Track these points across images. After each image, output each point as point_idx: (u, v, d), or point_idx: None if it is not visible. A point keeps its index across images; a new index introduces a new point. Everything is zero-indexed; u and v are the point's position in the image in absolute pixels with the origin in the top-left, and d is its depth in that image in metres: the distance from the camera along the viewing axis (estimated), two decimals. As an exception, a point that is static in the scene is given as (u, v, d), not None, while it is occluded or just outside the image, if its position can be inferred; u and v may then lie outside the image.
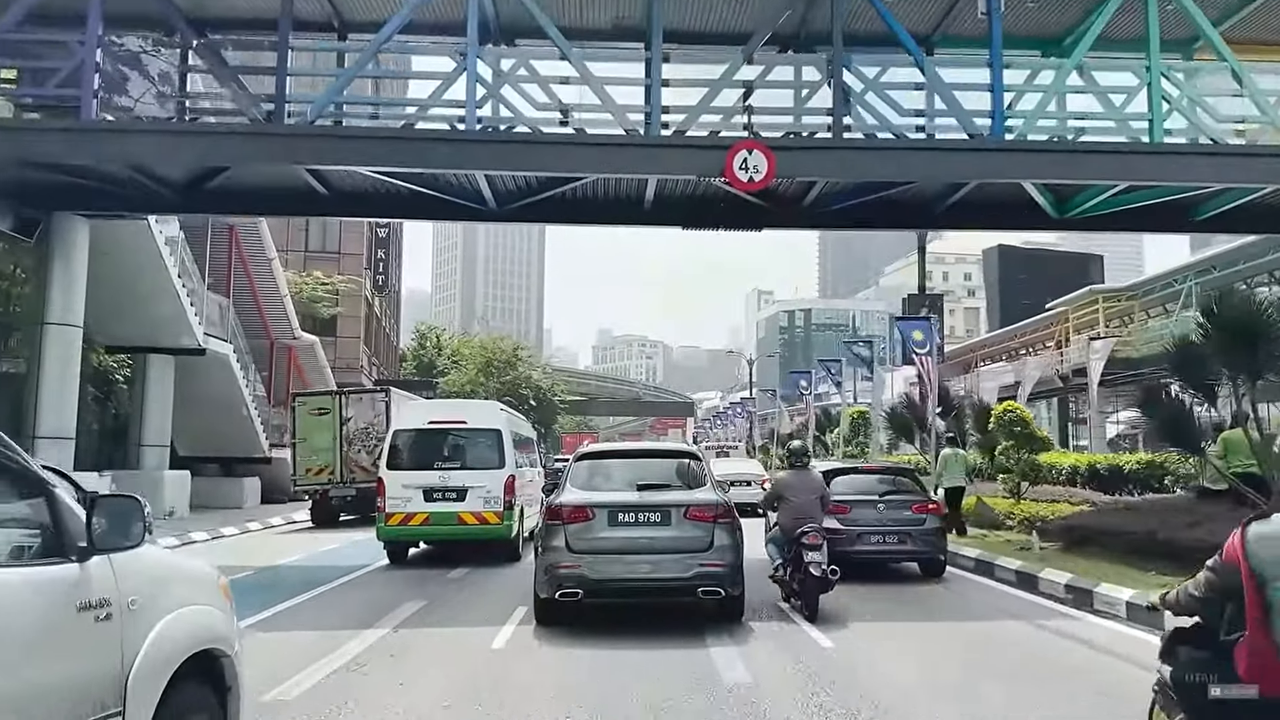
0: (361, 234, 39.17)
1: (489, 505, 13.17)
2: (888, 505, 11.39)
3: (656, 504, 8.33)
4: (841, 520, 10.95)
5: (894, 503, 11.51)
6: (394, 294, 55.15)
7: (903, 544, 11.25)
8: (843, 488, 11.60)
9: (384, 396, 19.47)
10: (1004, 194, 15.01)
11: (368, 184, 14.68)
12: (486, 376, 43.46)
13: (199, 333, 19.33)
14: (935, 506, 12.11)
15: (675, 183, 14.69)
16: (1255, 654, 3.05)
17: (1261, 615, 3.02)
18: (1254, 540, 3.11)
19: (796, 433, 42.46)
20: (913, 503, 11.60)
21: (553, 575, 8.12)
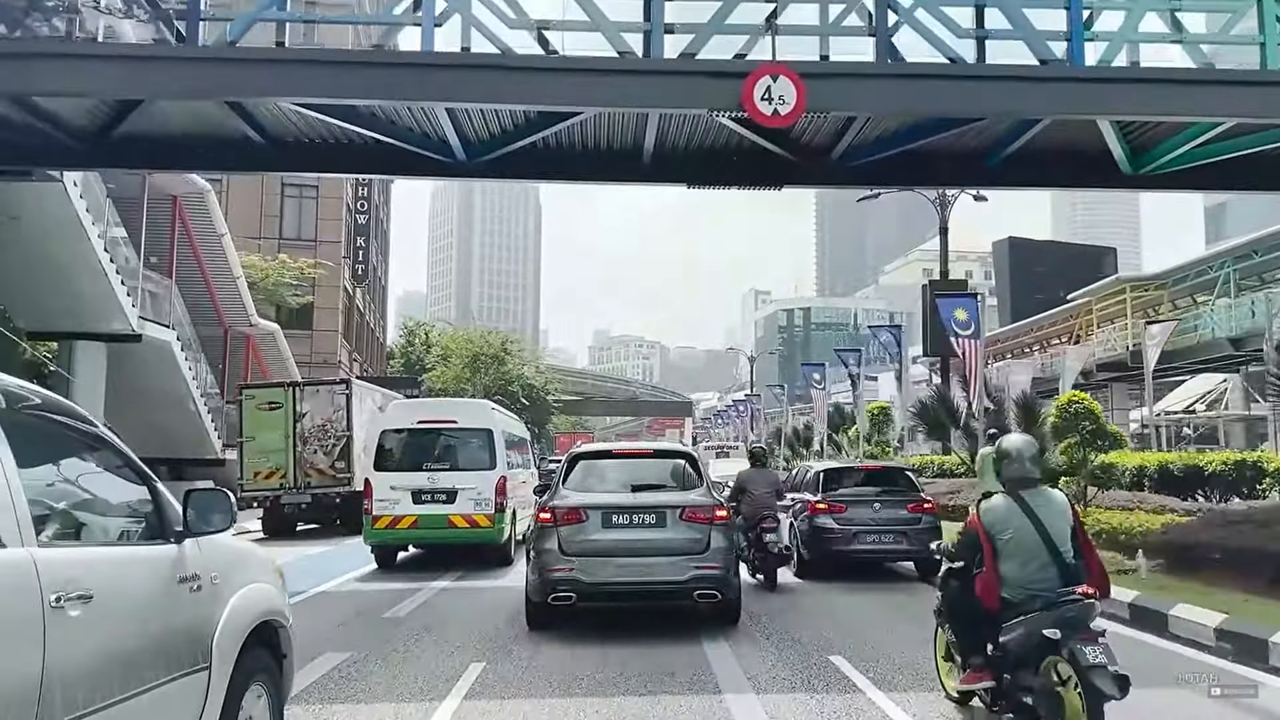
0: (340, 220, 36.67)
1: (479, 507, 12.74)
2: (883, 504, 11.42)
3: (651, 505, 8.18)
4: (837, 519, 11.32)
5: (889, 502, 11.56)
6: (379, 287, 52.62)
7: (898, 543, 11.26)
8: (839, 486, 11.99)
9: (344, 389, 17.02)
10: (1072, 142, 12.59)
11: (309, 129, 12.20)
12: (474, 372, 40.89)
13: (132, 316, 16.84)
14: (930, 505, 12.03)
15: (679, 132, 12.24)
16: (985, 581, 5.08)
17: (991, 557, 5.05)
18: (984, 512, 5.23)
19: (803, 431, 39.98)
20: (908, 502, 11.64)
21: (545, 578, 7.90)
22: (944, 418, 18.67)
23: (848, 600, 10.26)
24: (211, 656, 3.54)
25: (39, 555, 2.68)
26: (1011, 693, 4.94)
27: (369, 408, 18.00)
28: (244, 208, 35.47)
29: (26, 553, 2.62)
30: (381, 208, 53.06)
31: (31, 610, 2.56)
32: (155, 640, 3.21)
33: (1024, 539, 4.92)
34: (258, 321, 21.35)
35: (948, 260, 28.05)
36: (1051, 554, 4.87)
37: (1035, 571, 4.88)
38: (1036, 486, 5.11)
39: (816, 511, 11.76)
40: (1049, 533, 4.89)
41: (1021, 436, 5.87)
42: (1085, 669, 4.34)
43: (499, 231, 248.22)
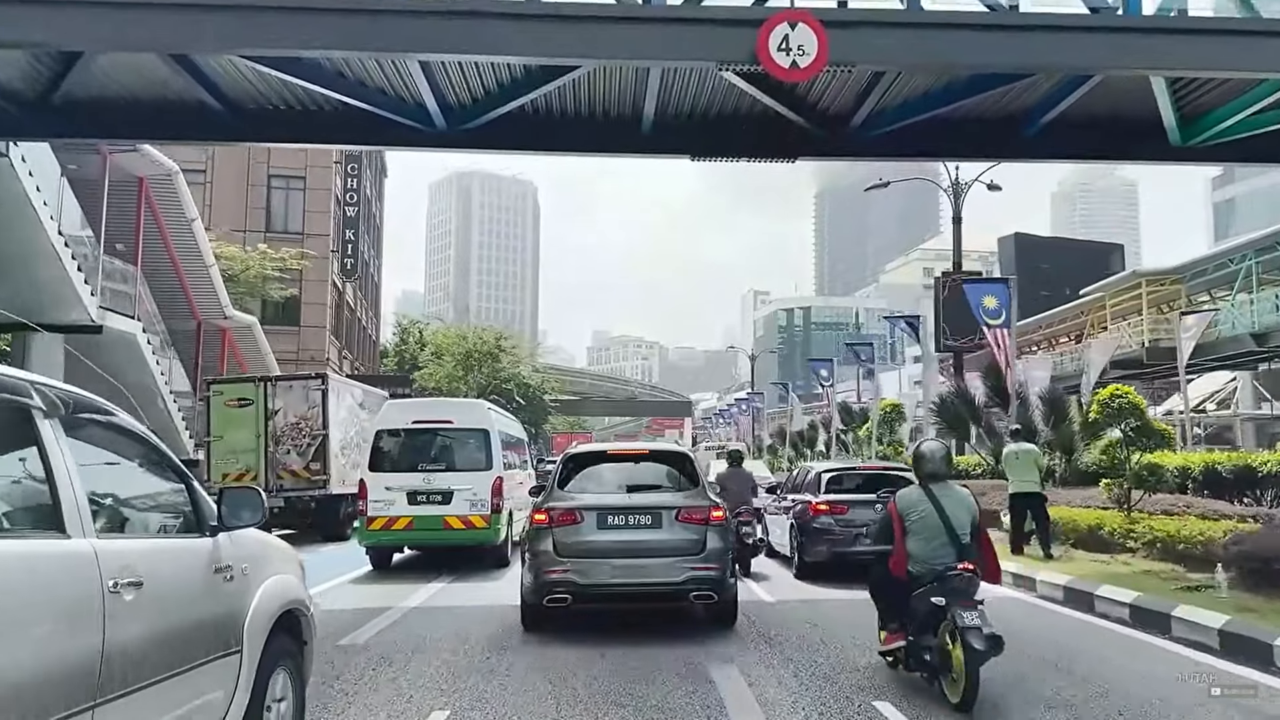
0: (328, 213, 35.40)
1: (475, 509, 12.52)
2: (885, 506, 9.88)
3: (647, 506, 8.10)
4: (838, 520, 11.14)
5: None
6: (372, 284, 51.33)
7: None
8: (840, 487, 11.76)
9: (319, 385, 15.74)
10: (1118, 108, 11.40)
11: (270, 91, 10.99)
12: (466, 370, 39.53)
13: (91, 305, 15.59)
14: None
15: (683, 96, 11.05)
16: (896, 557, 6.09)
17: (901, 536, 6.04)
18: (898, 499, 6.20)
19: (808, 431, 38.77)
20: None
21: (540, 580, 7.80)
22: (965, 414, 17.41)
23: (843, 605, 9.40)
24: (243, 641, 3.79)
25: (98, 545, 2.94)
26: (916, 651, 5.87)
27: (348, 405, 16.75)
28: (228, 199, 34.26)
29: (89, 543, 2.90)
30: (374, 202, 51.80)
31: (94, 593, 2.83)
32: (195, 625, 3.48)
33: (928, 522, 5.92)
34: (233, 314, 20.04)
35: (961, 251, 26.80)
36: (949, 536, 5.85)
37: (936, 549, 5.85)
38: (945, 482, 6.14)
39: (817, 512, 11.42)
40: (949, 519, 5.87)
41: (935, 442, 6.97)
42: (962, 629, 5.33)
43: (497, 231, 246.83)
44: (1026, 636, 7.32)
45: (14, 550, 2.63)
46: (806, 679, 6.31)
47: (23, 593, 2.55)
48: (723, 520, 8.14)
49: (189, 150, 35.63)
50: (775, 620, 8.59)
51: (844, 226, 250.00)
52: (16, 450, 2.88)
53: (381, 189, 55.57)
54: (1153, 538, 10.82)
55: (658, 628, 8.05)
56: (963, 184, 27.00)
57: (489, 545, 12.72)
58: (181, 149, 35.71)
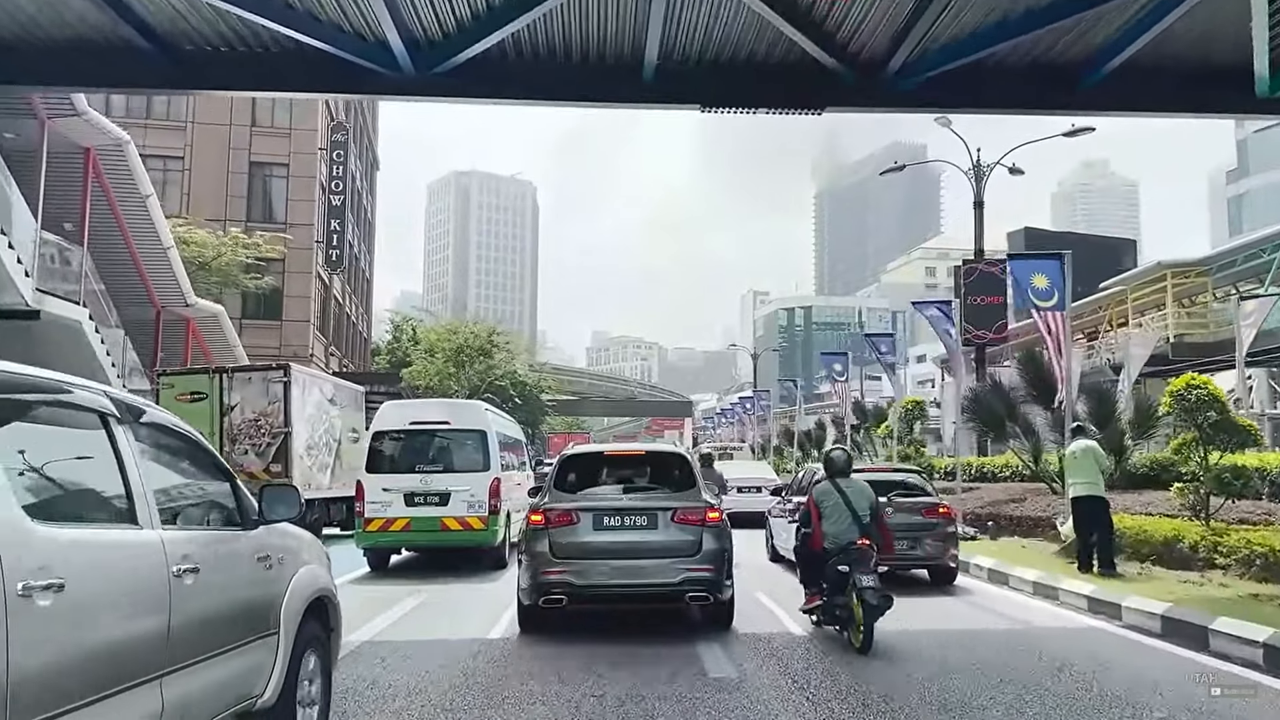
0: (312, 201, 33.76)
1: (473, 510, 12.50)
2: (896, 509, 10.56)
3: (643, 507, 8.14)
4: None
5: (903, 506, 10.82)
6: (362, 279, 49.66)
7: (913, 550, 10.58)
8: None
9: (281, 377, 14.07)
10: (1199, 51, 9.77)
11: (209, 30, 9.34)
12: (457, 366, 37.76)
13: (26, 288, 13.91)
14: (947, 510, 11.25)
15: (693, 33, 9.39)
16: (814, 535, 7.90)
17: (817, 519, 7.89)
18: (815, 491, 8.14)
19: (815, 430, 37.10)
20: (923, 506, 11.01)
21: (536, 581, 7.84)
22: (1001, 410, 15.74)
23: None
24: (280, 623, 4.23)
25: (164, 535, 3.38)
26: (829, 608, 7.61)
27: (315, 400, 15.10)
28: (208, 187, 32.66)
29: (156, 533, 3.34)
30: (365, 195, 50.17)
31: (162, 578, 3.28)
32: (241, 608, 3.94)
33: (837, 508, 7.85)
34: (197, 301, 18.35)
35: (983, 237, 25.18)
36: (854, 518, 7.76)
37: (843, 529, 7.75)
38: (849, 477, 8.13)
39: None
40: (852, 505, 7.81)
41: (840, 449, 9.09)
42: (859, 589, 7.16)
43: (496, 232, 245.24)
44: (1141, 690, 5.66)
45: (100, 539, 3.11)
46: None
47: (107, 575, 3.03)
48: (719, 521, 8.08)
49: (166, 136, 34.12)
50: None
51: (843, 227, 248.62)
52: (97, 453, 3.24)
53: (373, 182, 53.93)
54: (1249, 553, 9.14)
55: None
56: (984, 166, 25.39)
57: (487, 547, 12.69)
58: (158, 134, 34.34)
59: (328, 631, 4.77)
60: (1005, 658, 6.86)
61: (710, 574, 7.77)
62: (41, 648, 2.56)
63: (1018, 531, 14.22)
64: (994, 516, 14.90)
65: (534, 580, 7.76)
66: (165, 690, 3.18)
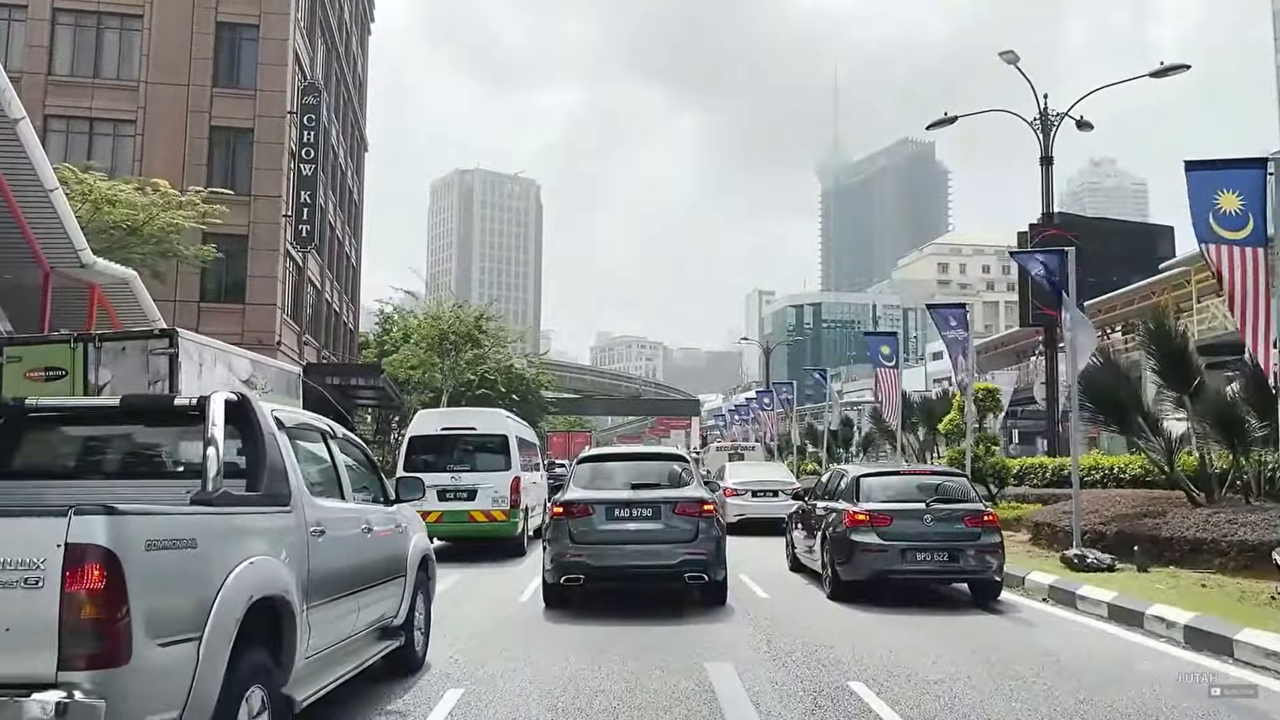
0: (280, 170, 30.07)
1: (496, 504, 14.26)
2: (935, 517, 9.82)
3: (648, 501, 9.34)
4: (882, 534, 9.73)
5: (942, 514, 9.86)
6: (347, 265, 45.99)
7: (954, 561, 9.65)
8: (882, 494, 10.31)
9: (165, 348, 10.38)
10: None
11: None
12: (441, 355, 33.95)
13: None
14: (992, 518, 10.12)
15: None
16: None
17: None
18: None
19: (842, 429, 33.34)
20: (965, 514, 9.90)
21: (559, 563, 9.19)
22: (1126, 398, 12.03)
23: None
24: (405, 570, 6.45)
25: (357, 506, 5.90)
26: None
27: (220, 379, 11.32)
28: (162, 153, 28.98)
29: (354, 505, 5.86)
30: (350, 176, 46.54)
31: (360, 531, 5.77)
32: (387, 556, 6.10)
33: None
34: (93, 261, 14.56)
35: (1052, 200, 21.44)
36: None
37: None
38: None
39: (855, 523, 9.92)
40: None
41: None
42: None
43: (499, 231, 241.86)
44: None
45: (333, 505, 5.35)
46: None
47: (339, 526, 5.26)
48: (713, 513, 9.46)
49: (113, 97, 30.41)
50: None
51: (850, 227, 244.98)
52: (321, 455, 5.62)
53: (360, 163, 50.28)
54: None
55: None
56: (1053, 117, 21.65)
57: (508, 537, 14.45)
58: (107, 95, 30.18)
59: (429, 579, 7.11)
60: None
61: (705, 557, 9.14)
62: (318, 564, 4.78)
63: (1172, 558, 10.47)
64: (1129, 537, 11.14)
65: (557, 562, 9.18)
66: (360, 600, 5.49)
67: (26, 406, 5.36)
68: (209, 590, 3.68)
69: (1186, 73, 19.72)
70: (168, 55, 29.97)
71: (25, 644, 3.07)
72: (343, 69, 43.56)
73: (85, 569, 3.11)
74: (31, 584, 3.09)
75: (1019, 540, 14.08)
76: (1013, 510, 16.18)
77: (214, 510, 4.01)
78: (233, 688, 3.73)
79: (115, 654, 3.14)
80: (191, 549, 3.64)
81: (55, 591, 3.08)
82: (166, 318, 18.90)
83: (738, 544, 17.12)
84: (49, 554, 3.10)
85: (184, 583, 3.60)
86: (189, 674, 3.48)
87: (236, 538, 4.07)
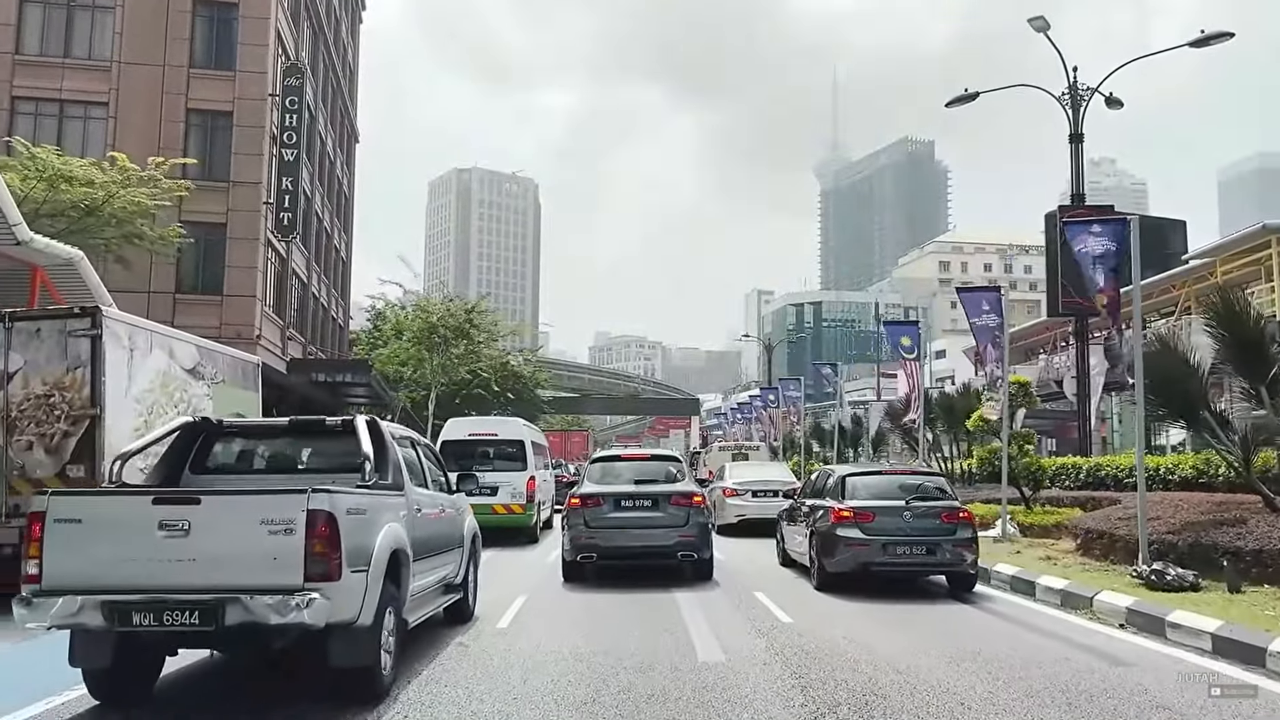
0: (260, 155, 28.53)
1: (515, 499, 16.90)
2: (914, 513, 10.59)
3: (649, 494, 11.63)
4: (865, 529, 10.54)
5: (921, 510, 10.66)
6: (336, 259, 44.41)
7: (931, 555, 10.44)
8: (866, 493, 11.17)
9: (88, 329, 8.82)
10: None
11: None
12: (429, 350, 32.32)
13: None
14: (967, 514, 10.81)
15: None
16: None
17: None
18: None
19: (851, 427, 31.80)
20: (942, 510, 10.72)
21: (576, 544, 11.44)
22: (1194, 388, 10.54)
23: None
24: (463, 543, 8.59)
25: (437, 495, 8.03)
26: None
27: (156, 367, 9.81)
28: (137, 137, 27.36)
29: (432, 492, 7.89)
30: (341, 166, 45.03)
31: (438, 510, 7.84)
32: (450, 530, 8.15)
33: None
34: (30, 238, 12.92)
35: (1082, 181, 19.98)
36: None
37: None
38: None
39: (840, 519, 10.68)
40: None
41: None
42: None
43: (497, 230, 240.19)
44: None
45: (423, 492, 7.40)
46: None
47: (428, 508, 7.36)
48: (701, 503, 11.75)
49: (88, 79, 28.94)
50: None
51: (849, 227, 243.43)
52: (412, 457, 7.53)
53: (350, 154, 48.76)
54: None
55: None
56: (1082, 91, 20.17)
57: (525, 527, 17.06)
58: (77, 76, 28.67)
59: (476, 552, 9.21)
60: None
61: (694, 539, 11.43)
62: (416, 532, 6.64)
63: (1263, 575, 8.95)
64: (1205, 549, 9.62)
65: (574, 544, 11.49)
66: (437, 561, 7.50)
67: (221, 423, 7.55)
68: (372, 541, 5.77)
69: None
70: (142, 34, 28.39)
71: (285, 567, 5.12)
72: (331, 56, 42.03)
73: (317, 524, 5.20)
74: (288, 532, 5.15)
75: (1063, 550, 12.60)
76: (1050, 516, 14.70)
77: (373, 492, 6.11)
78: (381, 605, 5.76)
79: (332, 574, 5.20)
80: (364, 515, 5.73)
81: (301, 537, 5.15)
82: (139, 310, 17.34)
83: (732, 544, 15.87)
84: (298, 515, 5.17)
85: (362, 535, 5.62)
86: (363, 592, 5.52)
87: (382, 510, 6.14)
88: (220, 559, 5.10)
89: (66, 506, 5.30)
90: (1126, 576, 9.82)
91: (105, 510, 5.49)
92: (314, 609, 5.01)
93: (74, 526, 5.18)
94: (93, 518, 5.27)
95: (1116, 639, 7.71)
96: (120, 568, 5.11)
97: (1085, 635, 7.93)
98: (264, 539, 5.10)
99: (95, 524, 5.24)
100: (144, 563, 5.10)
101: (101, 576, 5.10)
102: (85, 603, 5.02)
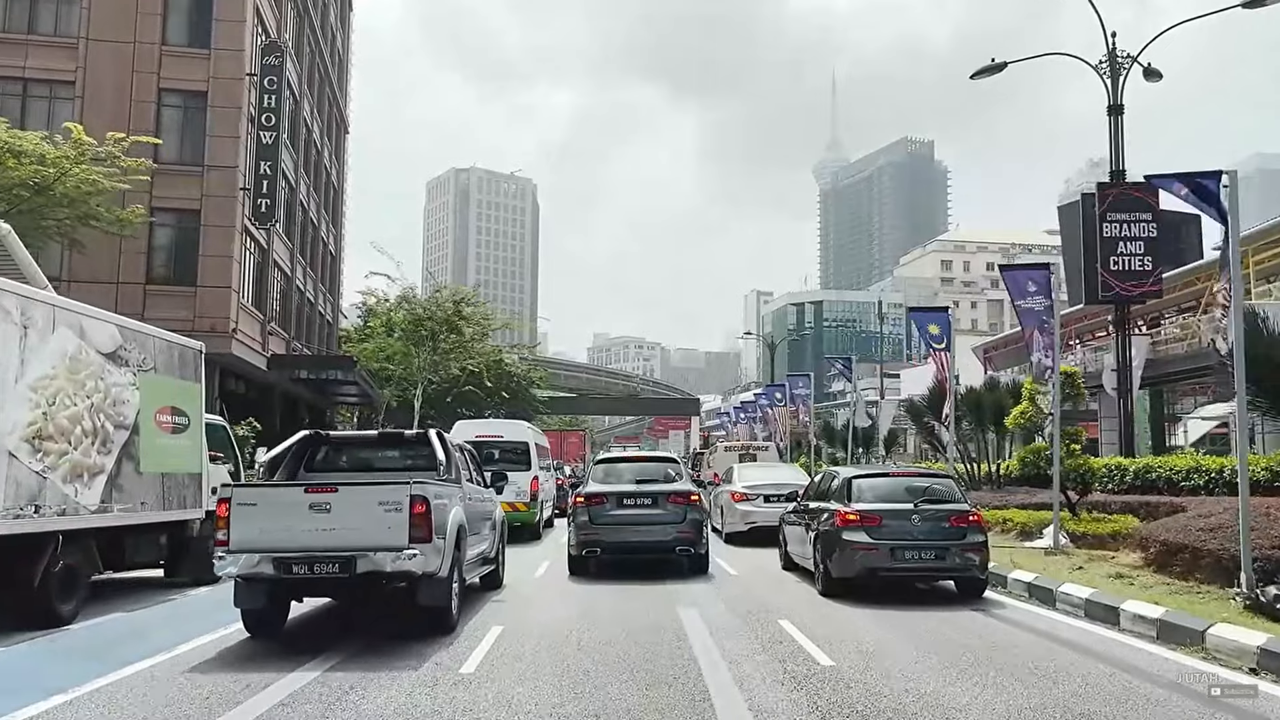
0: (237, 138, 26.87)
1: (519, 497, 17.68)
2: (923, 517, 10.32)
3: (648, 493, 12.64)
4: (872, 533, 10.25)
5: (930, 513, 10.38)
6: (324, 252, 42.69)
7: (940, 560, 10.24)
8: (872, 495, 10.88)
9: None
10: None
11: None
12: (416, 344, 30.66)
13: None
14: (977, 518, 10.60)
15: None
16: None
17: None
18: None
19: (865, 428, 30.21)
20: (951, 514, 10.42)
21: (580, 539, 12.39)
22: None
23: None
24: (495, 525, 11.10)
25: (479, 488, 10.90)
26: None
27: (63, 348, 8.11)
28: (106, 119, 25.64)
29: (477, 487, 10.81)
30: (327, 155, 43.33)
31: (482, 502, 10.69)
32: (487, 515, 10.68)
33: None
34: (-56, 207, 11.48)
35: (1122, 158, 18.32)
36: None
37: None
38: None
39: (846, 523, 10.36)
40: None
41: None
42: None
43: (496, 230, 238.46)
44: None
45: (472, 487, 10.25)
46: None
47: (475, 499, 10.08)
48: (697, 501, 12.67)
49: (53, 57, 27.26)
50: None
51: (849, 227, 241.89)
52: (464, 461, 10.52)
53: (339, 145, 47.09)
54: None
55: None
56: (1122, 61, 18.55)
57: (529, 524, 18.37)
58: (42, 53, 26.92)
59: (504, 535, 11.55)
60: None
61: (691, 535, 12.32)
62: (468, 514, 9.15)
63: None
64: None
65: (579, 539, 12.41)
66: (479, 538, 9.78)
67: (325, 435, 10.53)
68: (446, 518, 8.24)
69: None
70: (111, 9, 26.73)
71: (396, 533, 7.39)
72: (318, 41, 40.35)
73: (416, 505, 7.50)
74: (397, 510, 7.43)
75: (1130, 565, 10.95)
76: (1105, 524, 13.05)
77: (446, 483, 8.96)
78: (453, 564, 8.27)
79: (426, 538, 7.55)
80: (441, 500, 8.19)
81: (406, 513, 7.44)
82: (106, 303, 15.78)
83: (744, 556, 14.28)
84: (404, 498, 7.47)
85: (441, 514, 8.00)
86: (442, 552, 7.95)
87: (451, 497, 8.71)
88: (351, 528, 7.36)
89: (245, 494, 7.66)
90: (1229, 602, 8.18)
91: (272, 496, 7.92)
92: (415, 561, 7.43)
93: (250, 508, 7.44)
94: (264, 501, 7.62)
95: (1265, 694, 5.85)
96: (283, 535, 7.34)
97: (1225, 689, 6.00)
98: (381, 515, 7.39)
99: (265, 505, 7.53)
100: (299, 532, 7.34)
101: (271, 541, 7.34)
102: (262, 558, 7.33)
